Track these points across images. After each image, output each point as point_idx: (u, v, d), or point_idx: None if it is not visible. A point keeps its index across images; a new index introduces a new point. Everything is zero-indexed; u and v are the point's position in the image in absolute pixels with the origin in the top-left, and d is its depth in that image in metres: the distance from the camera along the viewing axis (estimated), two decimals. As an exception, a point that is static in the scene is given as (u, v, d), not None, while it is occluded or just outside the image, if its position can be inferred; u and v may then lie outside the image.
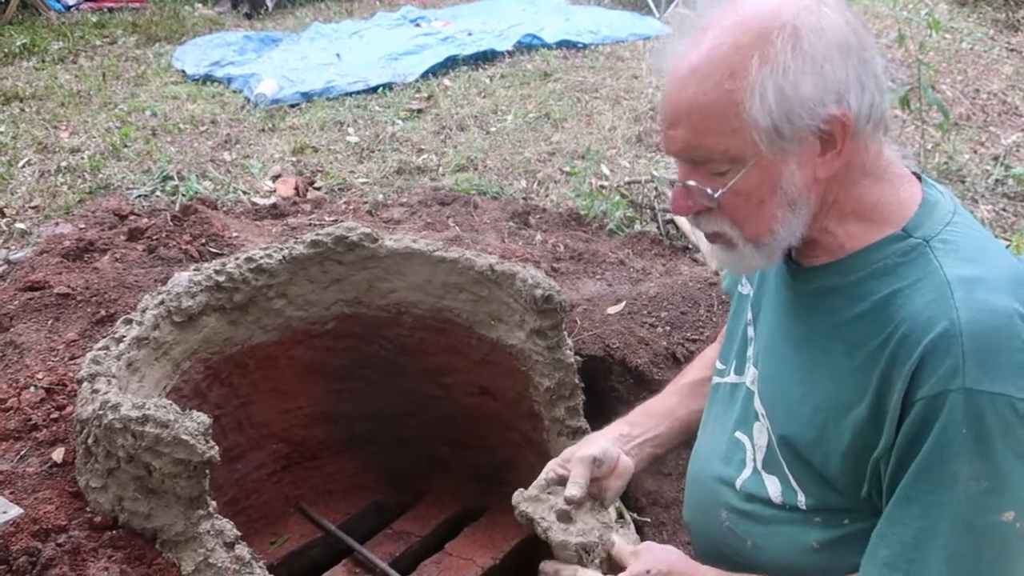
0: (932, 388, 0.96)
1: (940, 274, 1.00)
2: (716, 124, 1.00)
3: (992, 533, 0.96)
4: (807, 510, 1.13)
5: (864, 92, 0.99)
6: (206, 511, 1.62)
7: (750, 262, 1.10)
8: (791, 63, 0.95)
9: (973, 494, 0.96)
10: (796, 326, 1.15)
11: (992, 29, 6.84)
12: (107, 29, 7.30)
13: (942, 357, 0.95)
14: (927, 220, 1.06)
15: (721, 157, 1.02)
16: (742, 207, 1.05)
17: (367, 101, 5.63)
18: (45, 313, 2.46)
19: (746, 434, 1.22)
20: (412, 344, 2.34)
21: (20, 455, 1.84)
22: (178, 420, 1.57)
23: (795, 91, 0.96)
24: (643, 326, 2.56)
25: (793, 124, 0.97)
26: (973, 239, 1.05)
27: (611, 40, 6.85)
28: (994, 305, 0.96)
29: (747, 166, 1.01)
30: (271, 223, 3.59)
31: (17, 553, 1.55)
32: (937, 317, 0.97)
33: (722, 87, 0.98)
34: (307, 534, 2.33)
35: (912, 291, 1.01)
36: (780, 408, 1.15)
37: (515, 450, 2.36)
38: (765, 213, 1.04)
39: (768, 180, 1.02)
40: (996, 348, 0.95)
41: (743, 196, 1.03)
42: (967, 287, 0.98)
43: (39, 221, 3.69)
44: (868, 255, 1.06)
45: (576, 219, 3.82)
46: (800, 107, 0.97)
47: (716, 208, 1.06)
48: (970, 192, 4.26)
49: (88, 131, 4.87)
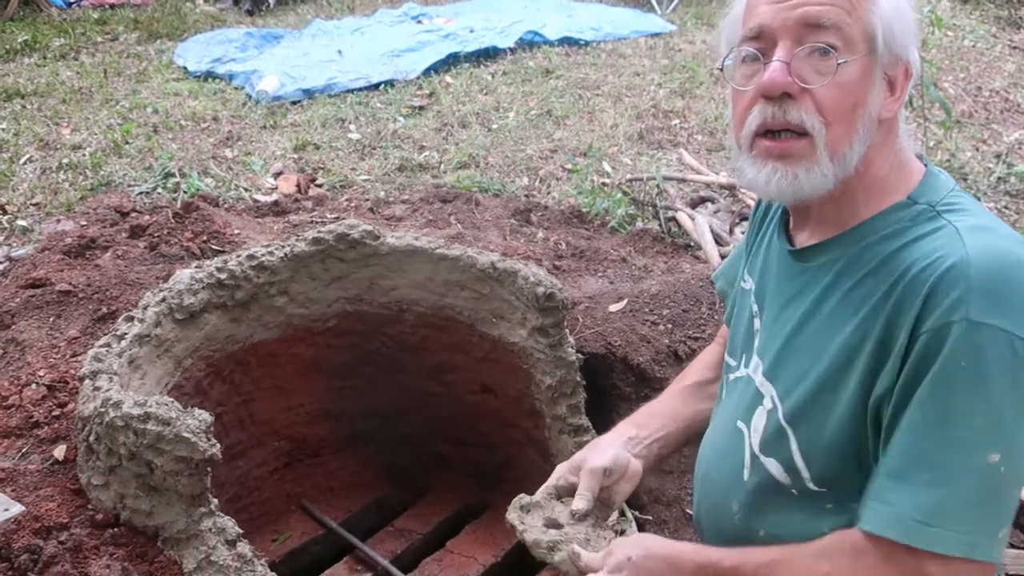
0: (936, 320, 0.96)
1: (950, 227, 1.02)
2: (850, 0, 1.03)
3: (978, 473, 0.96)
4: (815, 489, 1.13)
5: (913, 51, 1.06)
6: (208, 509, 1.62)
7: (813, 178, 1.07)
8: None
9: (968, 430, 0.96)
10: (801, 306, 1.15)
11: (995, 26, 6.83)
12: (108, 26, 7.29)
13: (948, 289, 0.96)
14: (930, 189, 1.09)
15: (843, 31, 1.03)
16: (838, 100, 1.04)
17: (369, 98, 5.62)
18: (47, 310, 2.46)
19: (745, 422, 1.23)
20: (414, 342, 2.34)
21: (22, 452, 1.85)
22: (180, 418, 1.57)
23: (906, 12, 1.04)
24: (645, 324, 2.56)
25: (896, 39, 1.03)
26: (976, 204, 1.09)
27: (613, 37, 6.85)
28: (1003, 247, 0.98)
29: (856, 56, 1.03)
30: (273, 220, 3.59)
31: (19, 550, 1.55)
32: (946, 255, 0.98)
33: None
34: (309, 531, 2.33)
35: (921, 241, 1.03)
36: (790, 383, 1.15)
37: (516, 448, 2.36)
38: (852, 118, 1.05)
39: (863, 84, 1.04)
40: (1004, 283, 0.95)
41: (841, 89, 1.04)
42: (976, 232, 1.00)
43: (40, 218, 3.69)
44: (875, 223, 1.09)
45: (578, 216, 3.81)
46: (905, 27, 1.04)
47: (808, 95, 1.05)
48: (972, 190, 4.26)
49: (89, 128, 4.86)
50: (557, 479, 1.38)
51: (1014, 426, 0.96)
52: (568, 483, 1.36)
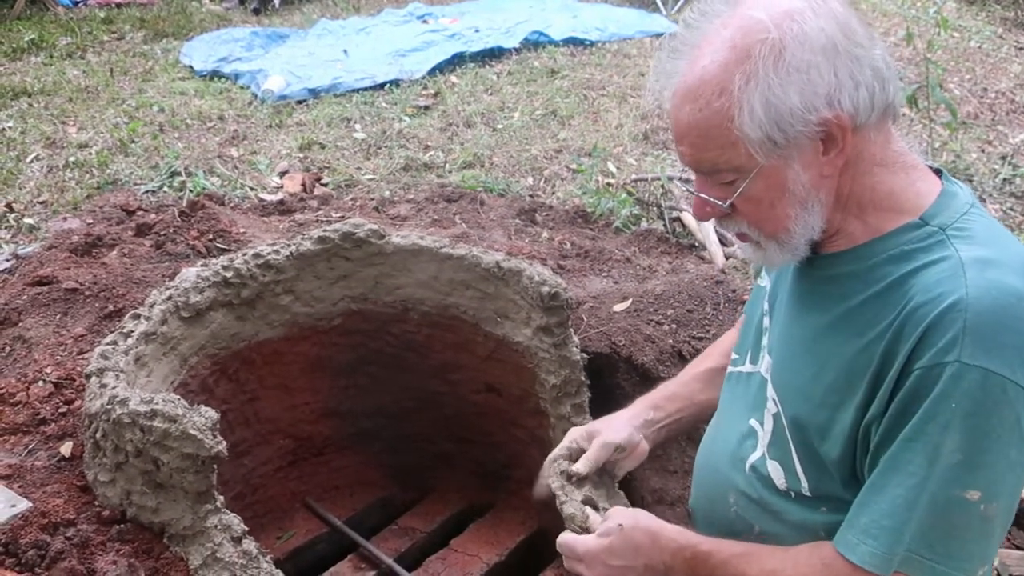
0: (930, 360, 0.97)
1: (955, 257, 1.01)
2: (714, 140, 1.03)
3: (957, 508, 0.97)
4: (811, 496, 1.15)
5: (859, 88, 1.00)
6: (214, 505, 1.63)
7: (776, 257, 1.14)
8: (774, 76, 0.98)
9: (948, 465, 0.97)
10: (810, 312, 1.16)
11: (1001, 28, 6.81)
12: (115, 25, 7.31)
13: (945, 330, 0.96)
14: (945, 210, 1.07)
15: (725, 168, 1.06)
16: (755, 210, 1.09)
17: (374, 98, 5.63)
18: (53, 308, 2.47)
19: (759, 420, 1.24)
20: (418, 341, 2.35)
21: (29, 449, 1.85)
22: (186, 415, 1.58)
23: (782, 102, 0.99)
24: (649, 324, 2.56)
25: (785, 132, 1.00)
26: (989, 228, 1.07)
27: (618, 37, 6.84)
28: (1005, 284, 0.97)
29: (751, 174, 1.05)
30: (278, 219, 3.60)
31: (26, 546, 1.55)
32: (947, 292, 0.98)
33: (712, 105, 1.01)
34: (313, 529, 2.34)
35: (926, 271, 1.02)
36: (792, 392, 1.17)
37: (521, 447, 2.36)
38: (778, 213, 1.07)
39: (774, 184, 1.05)
40: (999, 326, 0.95)
41: (754, 201, 1.08)
42: (980, 266, 0.99)
43: (47, 216, 3.70)
44: (885, 242, 1.08)
45: (583, 216, 3.82)
46: (790, 116, 0.99)
47: (734, 211, 1.11)
48: (978, 191, 4.25)
49: (96, 126, 4.88)
50: (570, 442, 1.45)
51: (997, 467, 0.97)
52: (579, 447, 1.43)
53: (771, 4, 1.00)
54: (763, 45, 0.98)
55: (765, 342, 1.27)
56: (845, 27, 1.00)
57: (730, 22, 1.01)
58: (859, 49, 1.00)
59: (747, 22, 1.00)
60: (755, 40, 0.98)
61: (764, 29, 0.98)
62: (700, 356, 1.60)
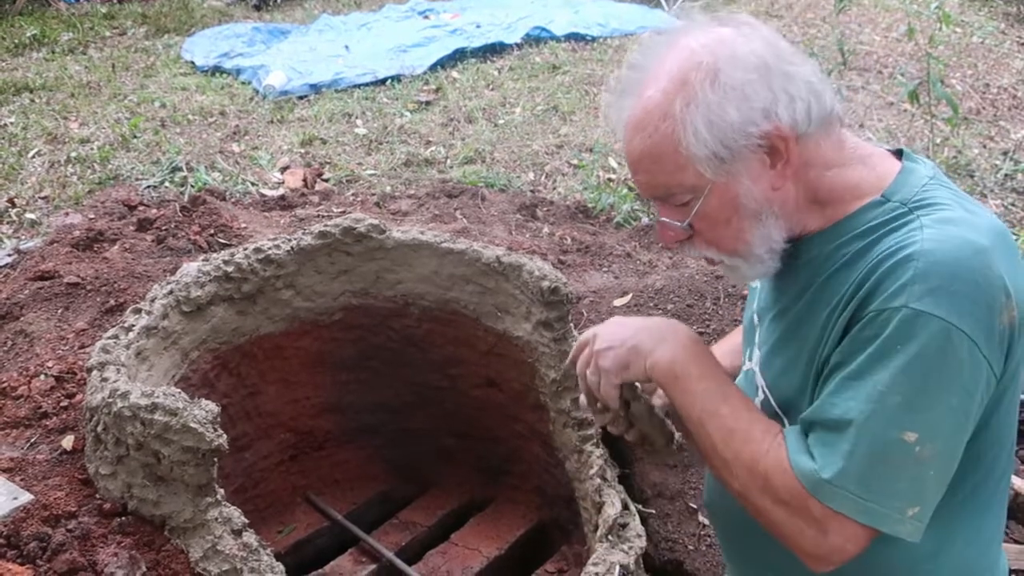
0: (881, 304, 1.01)
1: (916, 221, 1.06)
2: (665, 164, 1.11)
3: (892, 449, 1.01)
4: None
5: (794, 101, 1.07)
6: (214, 498, 1.63)
7: (746, 273, 1.20)
8: (712, 96, 1.05)
9: (887, 406, 1.00)
10: (786, 299, 1.22)
11: (1003, 23, 6.79)
12: (117, 20, 7.32)
13: (897, 277, 1.01)
14: (904, 185, 1.12)
15: (679, 190, 1.13)
16: (712, 229, 1.15)
17: (375, 93, 5.63)
18: (55, 302, 2.48)
19: None
20: (419, 335, 2.35)
21: (30, 442, 1.86)
22: (187, 408, 1.58)
23: (722, 119, 1.05)
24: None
25: (730, 148, 1.07)
26: (951, 196, 1.11)
27: (620, 33, 6.84)
28: (961, 236, 1.01)
29: (704, 193, 1.11)
30: (279, 214, 3.61)
31: (28, 538, 1.56)
32: (904, 245, 1.03)
33: (660, 131, 1.09)
34: (314, 523, 2.35)
35: (887, 234, 1.07)
36: (776, 375, 1.23)
37: (521, 441, 2.37)
38: (734, 229, 1.14)
39: (727, 201, 1.12)
40: (950, 275, 0.99)
41: (710, 219, 1.14)
42: (940, 224, 1.04)
43: (49, 211, 3.71)
44: (850, 221, 1.13)
45: (583, 212, 3.82)
46: (731, 131, 1.06)
47: (693, 235, 1.17)
48: (979, 187, 4.25)
49: (97, 122, 4.88)
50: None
51: (936, 411, 1.00)
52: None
53: (703, 35, 1.10)
54: (698, 70, 1.06)
55: (757, 339, 1.31)
56: (775, 48, 1.08)
57: (668, 56, 1.10)
58: (790, 66, 1.07)
59: (683, 53, 1.08)
60: (691, 66, 1.07)
61: (698, 56, 1.06)
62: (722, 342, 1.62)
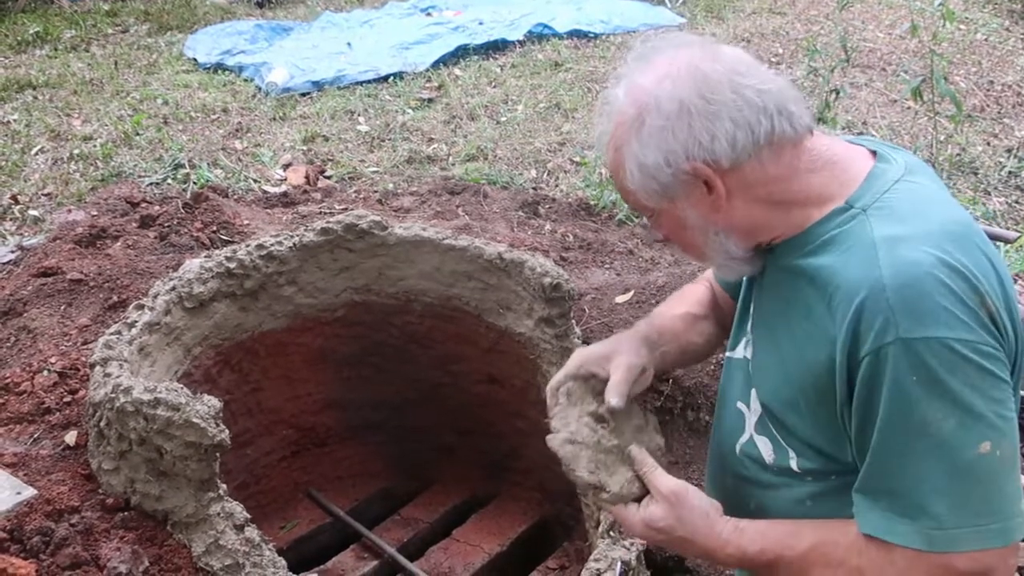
0: (872, 345, 1.03)
1: (869, 237, 1.09)
2: (620, 186, 1.25)
3: (977, 467, 1.02)
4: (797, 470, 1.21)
5: (715, 140, 1.14)
6: (216, 494, 1.64)
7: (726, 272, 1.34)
8: (635, 144, 1.18)
9: (947, 434, 1.01)
10: (772, 299, 1.26)
11: (1007, 20, 6.78)
12: (119, 17, 7.32)
13: (874, 315, 1.03)
14: (868, 190, 1.16)
15: (638, 207, 1.26)
16: (676, 239, 1.28)
17: (378, 90, 5.63)
18: (58, 298, 2.48)
19: (744, 402, 1.31)
20: (421, 332, 2.36)
21: (34, 438, 1.87)
22: (189, 403, 1.59)
23: (647, 160, 1.17)
24: (651, 316, 2.56)
25: (659, 182, 1.18)
26: (910, 201, 1.14)
27: (622, 30, 6.83)
28: (914, 258, 1.04)
29: (656, 214, 1.24)
30: (281, 211, 3.61)
31: (31, 532, 1.57)
32: (864, 278, 1.05)
33: (612, 160, 1.24)
34: (316, 519, 2.36)
35: (847, 256, 1.10)
36: (762, 376, 1.26)
37: (523, 438, 2.37)
38: (690, 242, 1.26)
39: (674, 221, 1.24)
40: (919, 296, 1.01)
41: (671, 233, 1.27)
42: (890, 244, 1.06)
43: (52, 208, 3.72)
44: (816, 229, 1.17)
45: (585, 209, 3.82)
46: (655, 171, 1.17)
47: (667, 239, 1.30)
48: (983, 184, 4.24)
49: (100, 119, 4.89)
50: (578, 367, 1.37)
51: (987, 412, 1.02)
52: (588, 372, 1.35)
53: (653, 70, 1.18)
54: (626, 119, 1.19)
55: (748, 327, 1.34)
56: (703, 88, 1.14)
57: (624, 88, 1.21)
58: (715, 106, 1.14)
59: (633, 91, 1.19)
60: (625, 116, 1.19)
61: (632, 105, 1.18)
62: (672, 299, 1.62)
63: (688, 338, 1.48)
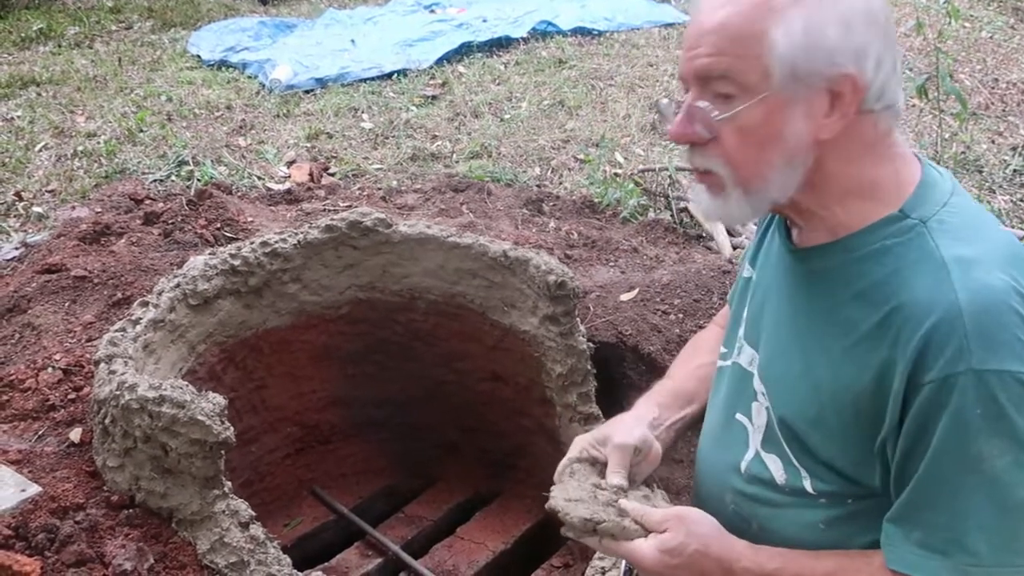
0: (939, 372, 0.96)
1: (937, 255, 1.01)
2: (740, 46, 1.01)
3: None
4: (811, 491, 1.13)
5: (880, 68, 1.01)
6: (221, 491, 1.64)
7: (733, 210, 1.10)
8: (819, 10, 0.99)
9: (1000, 471, 0.97)
10: (794, 307, 1.16)
11: (1013, 18, 6.76)
12: (123, 14, 7.32)
13: (946, 340, 0.96)
14: (925, 201, 1.06)
15: (735, 79, 1.02)
16: (741, 145, 1.05)
17: (381, 87, 5.62)
18: (62, 295, 2.48)
19: (745, 415, 1.22)
20: (425, 329, 2.35)
21: (38, 435, 1.87)
22: (194, 401, 1.59)
23: (820, 35, 0.99)
24: (656, 313, 2.56)
25: (810, 67, 1.00)
26: (969, 219, 1.06)
27: (626, 27, 6.81)
28: (992, 283, 0.97)
29: (756, 98, 1.02)
30: (285, 208, 3.61)
31: (36, 530, 1.57)
32: (937, 300, 0.98)
33: (755, 11, 1.01)
34: (320, 517, 2.36)
35: (910, 273, 1.01)
36: (779, 388, 1.16)
37: (527, 436, 2.37)
38: (762, 158, 1.05)
39: (772, 122, 1.03)
40: (997, 326, 0.96)
41: (744, 133, 1.04)
42: (964, 267, 0.99)
43: (56, 205, 3.72)
44: (865, 236, 1.07)
45: (590, 206, 3.81)
46: (820, 52, 0.99)
47: (714, 141, 1.06)
48: (987, 183, 4.23)
49: (104, 116, 4.89)
50: (580, 451, 1.31)
51: None
52: (590, 457, 1.30)
53: None
54: None
55: (741, 333, 1.26)
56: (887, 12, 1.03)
57: None
58: (890, 38, 1.02)
59: None
60: None
61: None
62: (686, 352, 1.55)
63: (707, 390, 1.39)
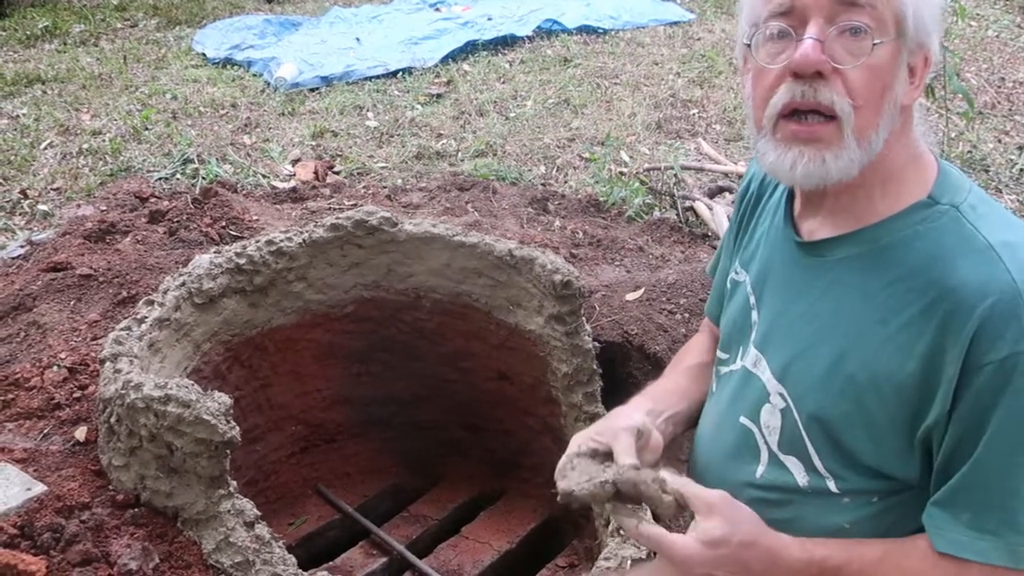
0: (999, 352, 0.95)
1: (979, 239, 1.00)
2: None
3: None
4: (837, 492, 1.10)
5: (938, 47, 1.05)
6: (226, 490, 1.64)
7: (840, 163, 1.04)
8: None
9: None
10: (819, 300, 1.12)
11: (1019, 16, 6.73)
12: (128, 12, 7.32)
13: (1006, 320, 0.95)
14: (949, 187, 1.06)
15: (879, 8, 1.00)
16: (869, 83, 1.02)
17: (386, 86, 5.62)
18: (67, 294, 2.48)
19: (752, 420, 1.19)
20: (430, 328, 2.35)
21: (43, 434, 1.87)
22: (200, 400, 1.58)
23: (928, 4, 1.02)
24: (661, 312, 2.55)
25: (921, 27, 1.02)
26: (995, 207, 1.06)
27: (632, 26, 6.81)
28: None
29: (888, 38, 1.01)
30: (290, 207, 3.61)
31: (41, 529, 1.57)
32: (990, 283, 0.96)
33: None
34: (325, 516, 2.35)
35: (954, 257, 1.00)
36: (806, 387, 1.12)
37: (532, 435, 2.36)
38: (882, 102, 1.02)
39: (892, 68, 1.02)
40: None
41: (874, 72, 1.01)
42: (1012, 250, 0.98)
43: (61, 203, 3.72)
44: (894, 222, 1.06)
45: (595, 205, 3.80)
46: (924, 20, 1.02)
47: (837, 76, 1.01)
48: (994, 182, 4.21)
49: (109, 114, 4.89)
50: (579, 446, 1.24)
51: None
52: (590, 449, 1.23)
53: None
54: None
55: (754, 337, 1.22)
56: None
57: None
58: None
59: None
60: None
61: None
62: (678, 356, 1.53)
63: (700, 388, 1.38)
